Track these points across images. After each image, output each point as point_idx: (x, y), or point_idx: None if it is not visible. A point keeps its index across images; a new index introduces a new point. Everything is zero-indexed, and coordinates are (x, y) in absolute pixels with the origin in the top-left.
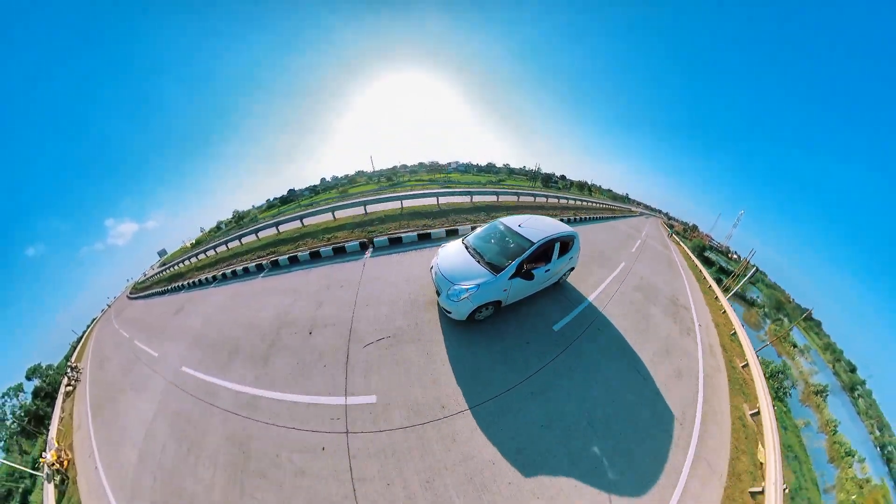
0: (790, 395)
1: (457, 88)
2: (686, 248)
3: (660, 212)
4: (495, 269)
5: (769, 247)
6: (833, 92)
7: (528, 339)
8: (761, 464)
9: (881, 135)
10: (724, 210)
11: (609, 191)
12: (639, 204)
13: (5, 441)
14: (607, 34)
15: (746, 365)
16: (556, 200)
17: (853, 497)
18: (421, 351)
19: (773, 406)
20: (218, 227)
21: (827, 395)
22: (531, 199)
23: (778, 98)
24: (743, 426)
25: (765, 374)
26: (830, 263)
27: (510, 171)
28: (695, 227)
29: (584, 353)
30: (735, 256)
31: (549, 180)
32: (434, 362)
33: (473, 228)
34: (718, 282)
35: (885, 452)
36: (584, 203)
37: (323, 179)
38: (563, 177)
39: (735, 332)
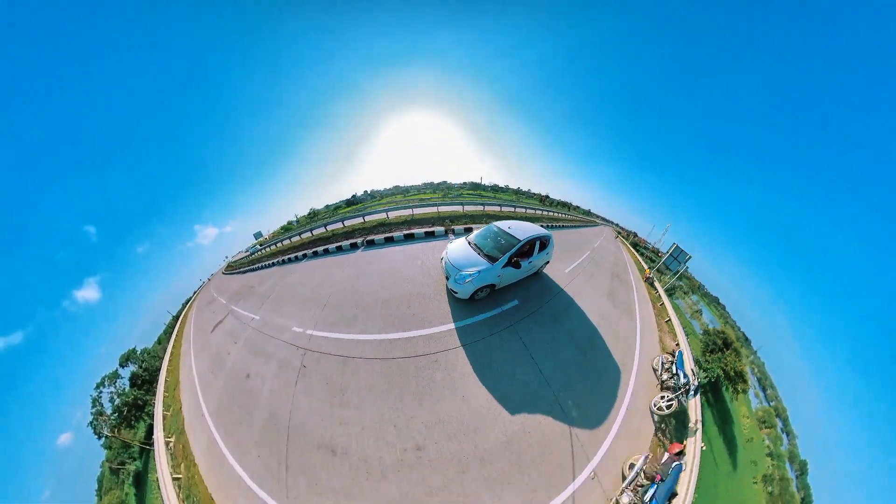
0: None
1: (459, 125)
2: (627, 243)
3: (612, 222)
4: (492, 259)
5: (697, 251)
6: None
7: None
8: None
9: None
10: (658, 222)
11: (578, 207)
12: (597, 216)
13: (107, 437)
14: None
15: (660, 297)
16: (549, 213)
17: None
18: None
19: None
20: (289, 225)
21: (701, 311)
22: (542, 212)
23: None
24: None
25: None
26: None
27: (517, 192)
28: (635, 234)
29: (583, 283)
30: (661, 254)
31: (542, 200)
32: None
33: (468, 230)
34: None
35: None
36: (565, 216)
37: (364, 191)
38: (547, 196)
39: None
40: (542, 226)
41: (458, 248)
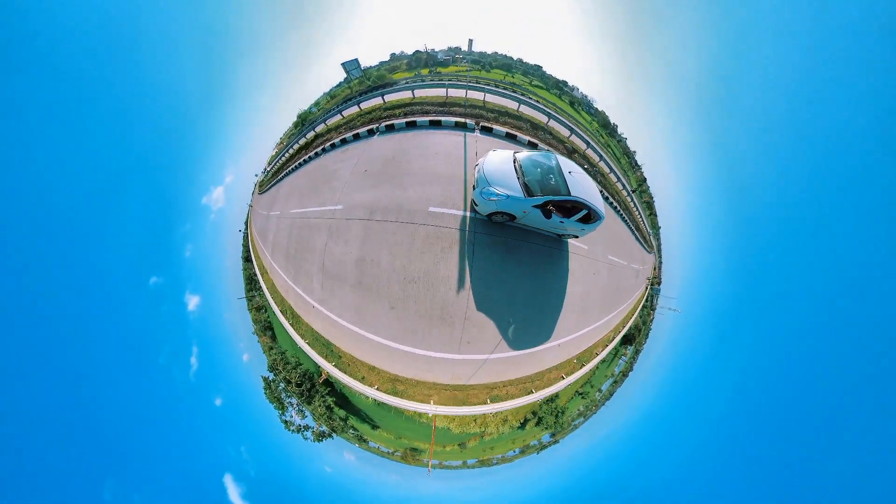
0: None
1: None
2: (647, 287)
3: (660, 257)
4: (528, 192)
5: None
6: None
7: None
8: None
9: None
10: (686, 305)
11: (656, 216)
12: (657, 240)
13: (315, 413)
14: None
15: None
16: (630, 201)
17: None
18: None
19: None
20: (394, 61)
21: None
22: (621, 187)
23: None
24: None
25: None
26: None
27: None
28: (659, 282)
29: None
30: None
31: (640, 184)
32: None
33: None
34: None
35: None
36: (635, 209)
37: (393, 54)
38: (645, 182)
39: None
40: (605, 198)
41: (498, 160)
